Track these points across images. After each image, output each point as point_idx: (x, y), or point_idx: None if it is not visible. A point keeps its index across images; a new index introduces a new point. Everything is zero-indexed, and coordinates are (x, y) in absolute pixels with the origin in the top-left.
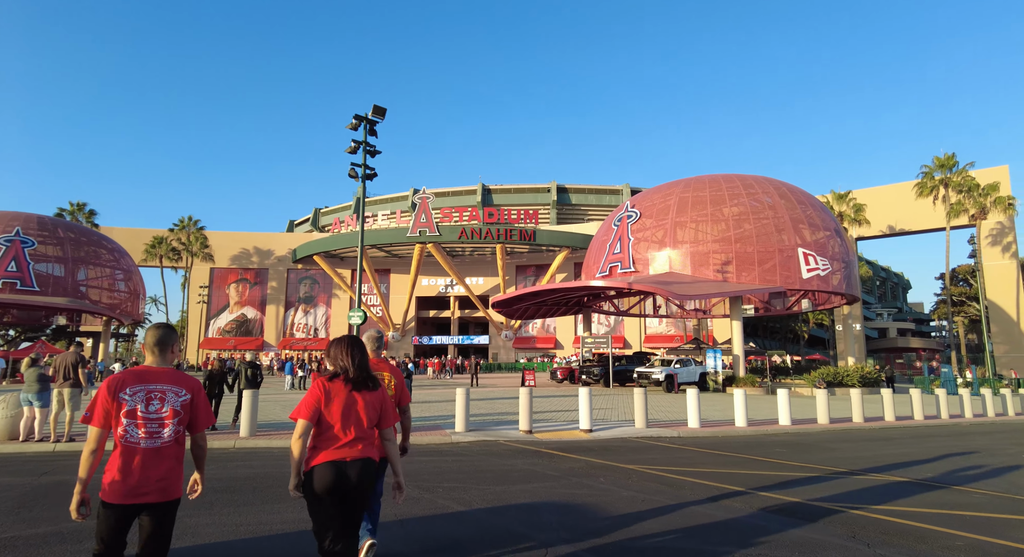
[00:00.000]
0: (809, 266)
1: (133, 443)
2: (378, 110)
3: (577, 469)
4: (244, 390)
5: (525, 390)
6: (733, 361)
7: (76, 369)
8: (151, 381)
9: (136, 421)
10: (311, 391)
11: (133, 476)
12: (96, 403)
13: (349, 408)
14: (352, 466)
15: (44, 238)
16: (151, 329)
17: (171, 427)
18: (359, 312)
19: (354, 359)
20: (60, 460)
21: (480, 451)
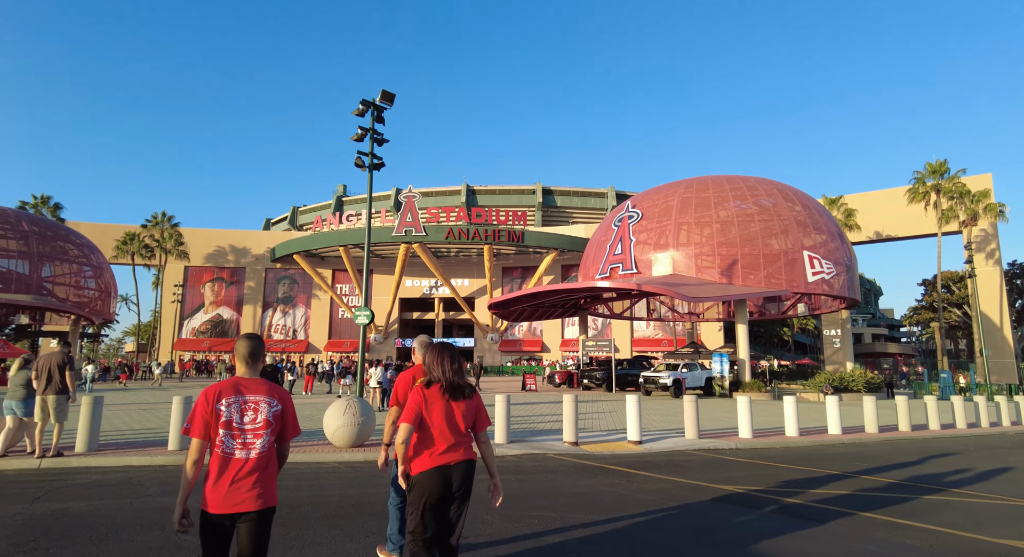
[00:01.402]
0: (814, 269)
1: (229, 453)
2: (386, 96)
3: (669, 492)
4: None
5: (570, 398)
6: (738, 365)
7: (63, 372)
8: (246, 392)
9: (232, 431)
10: (412, 397)
11: (229, 486)
12: (196, 414)
13: (449, 414)
14: (456, 469)
15: (6, 231)
16: (243, 340)
17: (264, 437)
18: (366, 311)
19: (451, 367)
20: (50, 480)
21: (538, 467)
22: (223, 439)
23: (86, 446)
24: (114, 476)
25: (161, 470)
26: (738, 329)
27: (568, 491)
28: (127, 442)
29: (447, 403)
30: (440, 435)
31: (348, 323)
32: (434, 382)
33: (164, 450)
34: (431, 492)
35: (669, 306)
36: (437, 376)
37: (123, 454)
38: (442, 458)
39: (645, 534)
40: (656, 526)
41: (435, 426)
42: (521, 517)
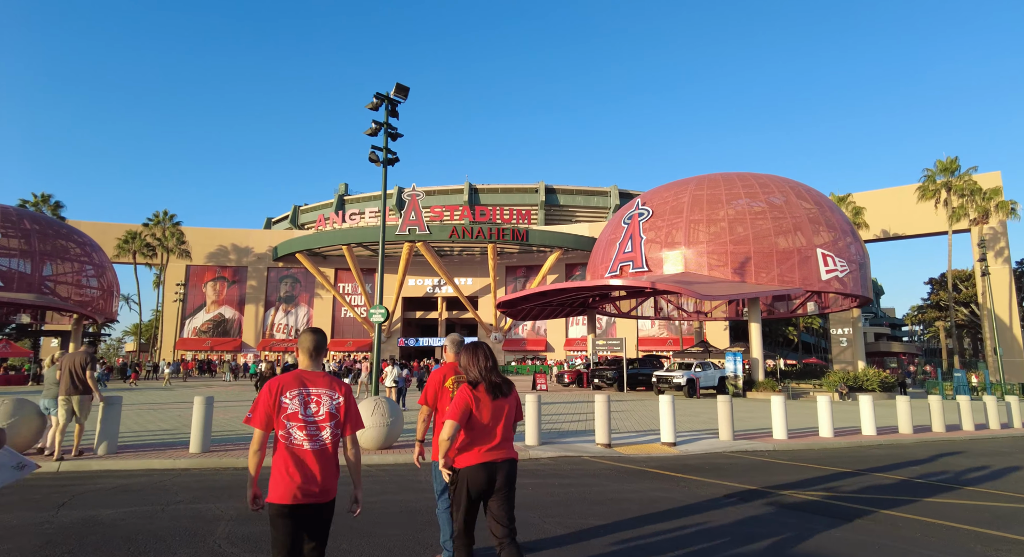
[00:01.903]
0: (828, 267)
1: (296, 444)
2: (400, 89)
3: (725, 498)
4: None
5: (601, 398)
6: (751, 364)
7: (85, 372)
8: (309, 385)
9: (296, 423)
10: (461, 395)
11: (297, 477)
12: (258, 406)
13: (494, 412)
14: (501, 467)
15: (8, 229)
16: (308, 334)
17: (328, 429)
18: (382, 309)
19: (486, 366)
20: (71, 485)
21: (577, 471)
22: (289, 431)
23: (105, 448)
24: (138, 481)
25: (185, 474)
26: (751, 328)
27: (620, 497)
28: (145, 444)
29: (493, 402)
30: (487, 433)
31: (351, 322)
32: (478, 382)
33: (186, 452)
34: (475, 486)
35: (676, 305)
36: (475, 376)
37: (144, 457)
38: (488, 455)
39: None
40: (736, 537)
41: (482, 424)
42: (578, 525)
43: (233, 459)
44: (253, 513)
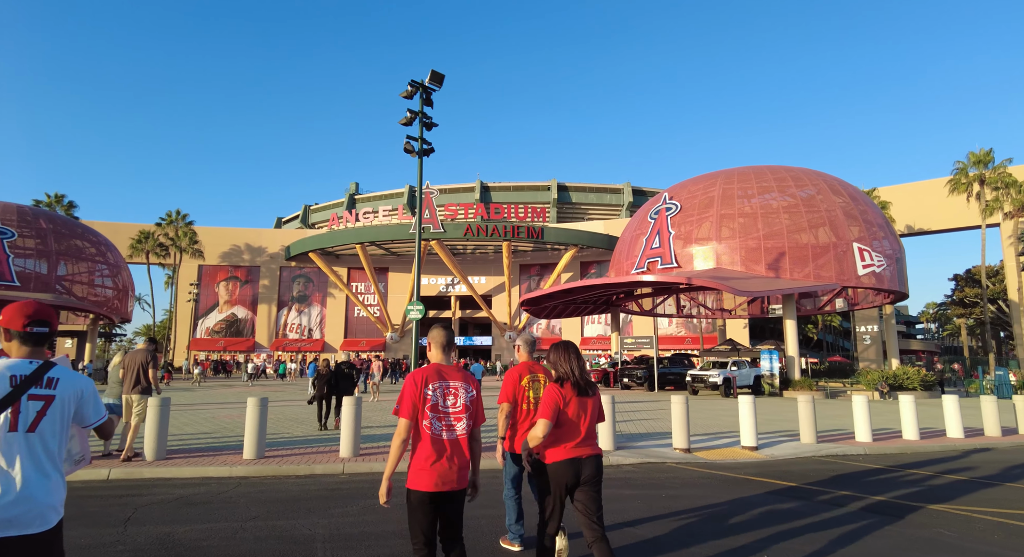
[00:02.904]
0: (864, 262)
1: (437, 434)
2: (436, 76)
3: (863, 512)
4: (343, 394)
5: (679, 400)
6: (787, 362)
7: (146, 371)
8: (447, 378)
9: (438, 414)
10: (550, 394)
11: (440, 466)
12: (404, 397)
13: (580, 410)
14: (588, 462)
15: (24, 229)
16: (439, 330)
17: (464, 421)
18: (419, 305)
19: (577, 364)
20: (129, 495)
21: (672, 480)
22: (431, 421)
23: (155, 453)
24: (198, 491)
25: (246, 483)
26: (786, 325)
27: (751, 516)
28: (190, 448)
29: (579, 399)
30: (574, 429)
31: (364, 322)
32: (565, 379)
33: (239, 458)
34: (565, 480)
35: (699, 302)
36: (565, 373)
37: (195, 463)
38: (576, 451)
39: None
40: None
41: (570, 421)
42: (730, 546)
43: (292, 466)
44: (349, 533)
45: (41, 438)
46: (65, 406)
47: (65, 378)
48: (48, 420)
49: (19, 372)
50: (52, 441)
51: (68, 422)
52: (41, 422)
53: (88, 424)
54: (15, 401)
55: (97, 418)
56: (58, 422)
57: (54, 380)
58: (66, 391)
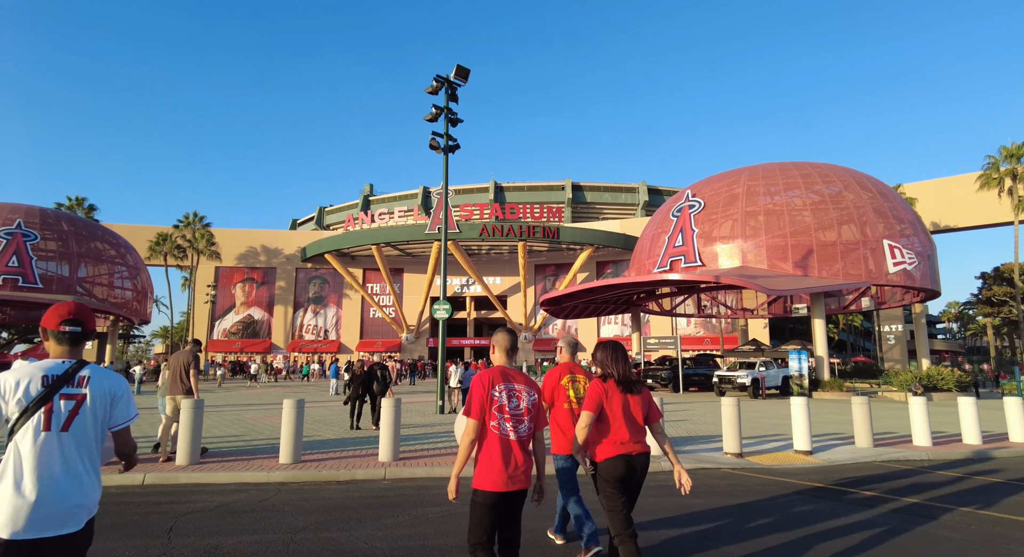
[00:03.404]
0: (895, 259)
1: (504, 435)
2: (461, 71)
3: (987, 532)
4: (379, 394)
5: (730, 403)
6: (816, 363)
7: (187, 372)
8: (512, 380)
9: (505, 415)
10: (594, 390)
11: (508, 466)
12: (473, 398)
13: (626, 406)
14: (637, 459)
15: (47, 232)
16: (505, 334)
17: (526, 422)
18: (445, 305)
19: (622, 363)
20: (167, 503)
21: (738, 488)
22: (499, 422)
23: (188, 457)
24: (238, 498)
25: (286, 490)
26: (815, 324)
27: (837, 531)
28: (222, 452)
29: (624, 396)
30: (621, 426)
31: (380, 323)
32: (609, 376)
33: (275, 463)
34: (617, 474)
35: (721, 302)
36: (611, 372)
37: (230, 468)
38: (624, 447)
39: None
40: None
41: (616, 417)
42: None
43: (332, 471)
44: (409, 547)
45: (74, 437)
46: (97, 405)
47: (96, 376)
48: (80, 419)
49: (52, 372)
50: (85, 440)
51: (101, 421)
52: (73, 421)
53: (114, 425)
54: (48, 401)
55: (125, 419)
56: (90, 421)
57: (85, 378)
58: (97, 390)
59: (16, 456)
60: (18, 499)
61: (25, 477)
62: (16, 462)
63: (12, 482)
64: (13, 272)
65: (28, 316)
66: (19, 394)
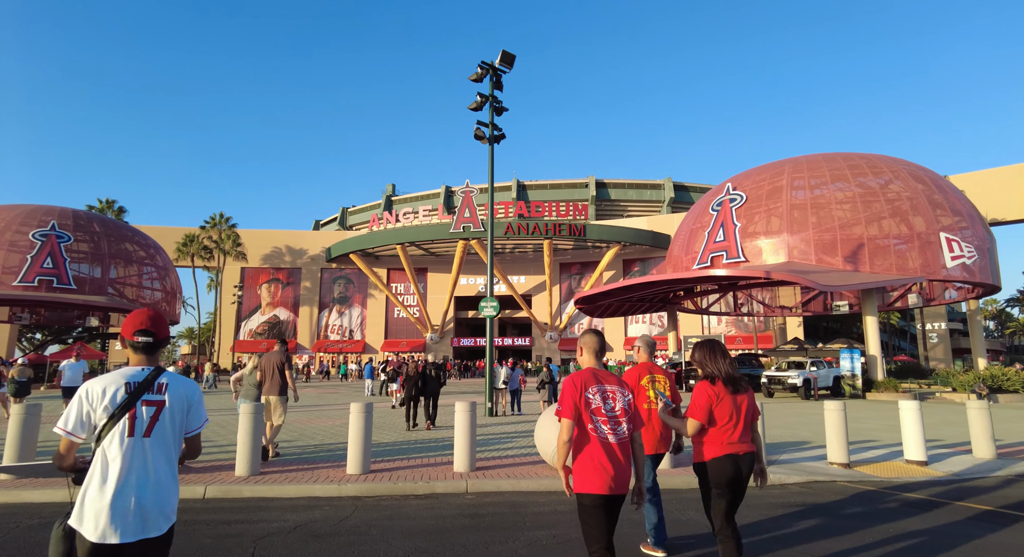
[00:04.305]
0: (953, 253)
1: (603, 438)
2: (506, 57)
3: None
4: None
5: (835, 405)
6: (868, 362)
7: (283, 372)
8: (603, 382)
9: (601, 417)
10: (702, 393)
11: (610, 468)
12: (565, 399)
13: (734, 407)
14: (744, 459)
15: (79, 234)
16: (592, 336)
17: (624, 424)
18: (492, 302)
19: (725, 361)
20: (239, 522)
21: (877, 511)
22: (596, 425)
23: (249, 468)
24: (313, 516)
25: (362, 505)
26: (867, 322)
27: None
28: (278, 460)
29: (731, 396)
30: (729, 426)
31: (404, 323)
32: (716, 377)
33: (341, 473)
34: (724, 475)
35: (758, 299)
36: (713, 371)
37: (294, 479)
38: (732, 447)
39: None
40: None
41: (724, 417)
42: None
43: (408, 484)
44: None
45: (155, 443)
46: (175, 411)
47: (173, 383)
48: (160, 425)
49: (134, 379)
50: (165, 445)
51: (179, 426)
52: (155, 427)
53: (189, 430)
54: (132, 407)
55: (197, 426)
56: (169, 427)
57: (164, 385)
58: (175, 396)
59: (103, 461)
60: (105, 503)
61: (112, 482)
62: (103, 467)
63: (99, 486)
64: (48, 273)
65: (62, 317)
66: (106, 401)
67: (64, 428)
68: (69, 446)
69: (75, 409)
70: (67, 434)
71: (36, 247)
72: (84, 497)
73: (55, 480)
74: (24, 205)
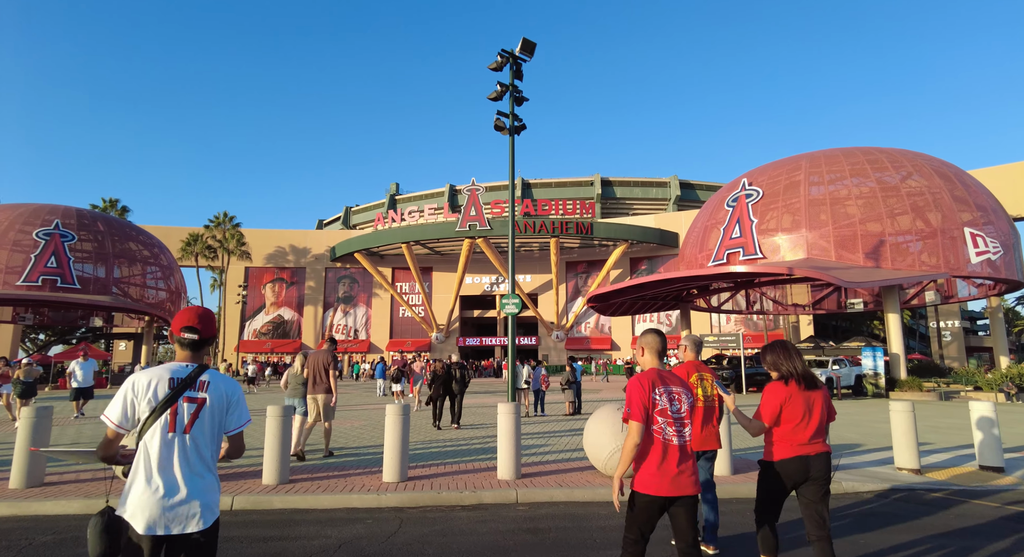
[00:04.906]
0: (978, 249)
1: (668, 439)
2: (527, 45)
3: None
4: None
5: (903, 408)
6: (890, 361)
7: (327, 371)
8: (669, 383)
9: (668, 419)
10: (774, 395)
11: (672, 470)
12: (633, 401)
13: (807, 407)
14: (815, 460)
15: (83, 233)
16: (654, 336)
17: (689, 425)
18: (515, 298)
19: (799, 360)
20: (274, 538)
21: (986, 528)
22: (662, 426)
23: (277, 476)
24: (355, 531)
25: (405, 517)
26: (889, 319)
27: None
28: (304, 466)
29: (805, 395)
30: (801, 426)
31: (409, 322)
32: (789, 377)
33: (377, 481)
34: (789, 478)
35: (770, 297)
36: (789, 371)
37: (327, 488)
38: (803, 448)
39: None
40: None
41: (796, 418)
42: None
43: (453, 493)
44: None
45: (195, 440)
46: (215, 409)
47: (215, 381)
48: (200, 422)
49: (177, 375)
50: (204, 443)
51: (218, 424)
52: (195, 424)
53: (229, 429)
54: (173, 403)
55: (239, 425)
56: (208, 424)
57: (206, 383)
58: (215, 394)
59: (146, 455)
60: (149, 496)
61: (154, 475)
62: (146, 461)
63: (144, 480)
64: (52, 273)
65: (66, 317)
66: (149, 394)
67: (110, 418)
68: (114, 436)
69: (121, 400)
70: (114, 426)
71: (40, 246)
72: (130, 489)
73: (67, 490)
74: (27, 204)
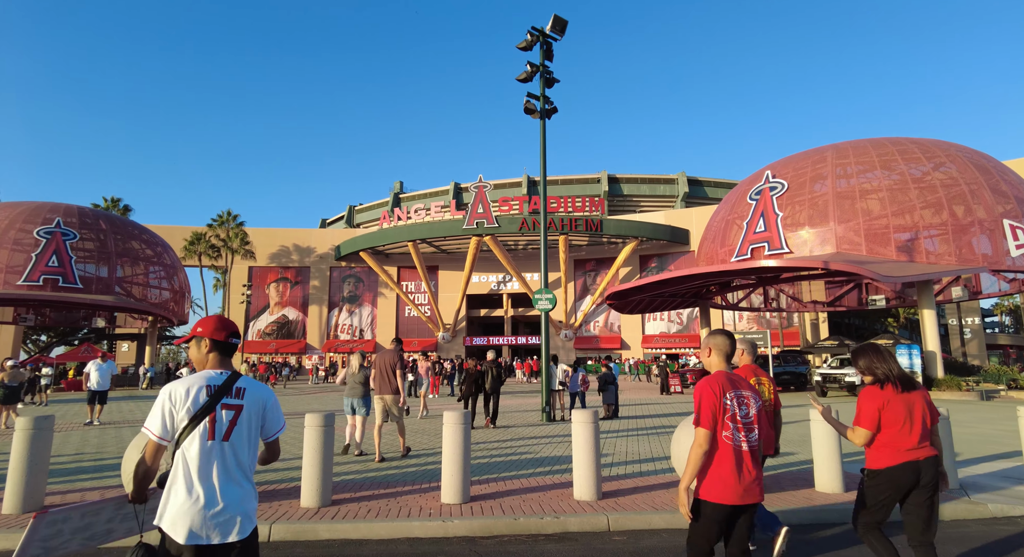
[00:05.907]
0: (1018, 241)
1: (737, 445)
2: (558, 23)
3: None
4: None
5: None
6: (927, 357)
7: (394, 371)
8: (738, 387)
9: (737, 424)
10: (872, 401)
11: (744, 478)
12: (704, 407)
13: (908, 410)
14: (926, 465)
15: (85, 231)
16: (723, 337)
17: (757, 431)
18: (549, 294)
19: (894, 361)
20: None
21: None
22: (732, 432)
23: (319, 498)
24: None
25: (480, 550)
26: (924, 316)
27: None
28: (350, 484)
29: (904, 398)
30: (905, 431)
31: (415, 321)
32: (885, 381)
33: (435, 502)
34: (899, 486)
35: (789, 294)
36: (884, 373)
37: (379, 513)
38: (911, 454)
39: None
40: None
41: (898, 423)
42: None
43: (534, 521)
44: None
45: (233, 447)
46: (252, 416)
47: (251, 388)
48: (238, 429)
49: (213, 383)
50: (243, 450)
51: (256, 432)
52: (233, 431)
53: (267, 435)
54: (212, 410)
55: (276, 430)
56: (245, 431)
57: (242, 390)
58: (252, 401)
59: (184, 464)
60: (190, 505)
61: (196, 484)
62: (185, 469)
63: (185, 489)
64: (54, 272)
65: (68, 317)
66: (188, 403)
67: (152, 430)
68: (156, 450)
69: (159, 410)
70: (156, 438)
71: (41, 245)
72: (168, 500)
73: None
74: (28, 202)
